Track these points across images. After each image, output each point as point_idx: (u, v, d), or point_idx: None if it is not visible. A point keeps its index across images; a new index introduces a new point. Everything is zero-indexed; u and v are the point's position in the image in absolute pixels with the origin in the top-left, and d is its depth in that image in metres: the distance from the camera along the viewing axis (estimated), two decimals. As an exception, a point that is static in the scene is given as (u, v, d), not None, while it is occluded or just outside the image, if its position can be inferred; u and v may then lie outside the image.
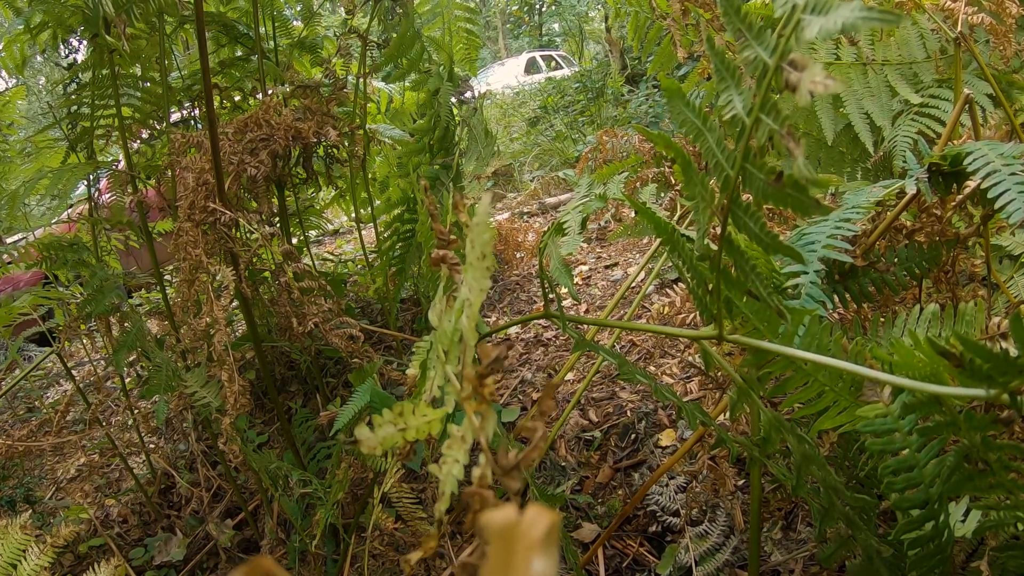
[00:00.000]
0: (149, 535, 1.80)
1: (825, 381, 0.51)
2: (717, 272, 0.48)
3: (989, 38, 1.30)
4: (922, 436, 0.47)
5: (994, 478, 0.46)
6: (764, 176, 0.38)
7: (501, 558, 0.19)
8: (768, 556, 1.17)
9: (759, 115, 0.37)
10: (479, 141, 1.27)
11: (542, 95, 7.80)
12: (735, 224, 0.42)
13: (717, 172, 0.42)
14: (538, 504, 0.21)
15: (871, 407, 0.48)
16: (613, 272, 2.66)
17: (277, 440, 1.85)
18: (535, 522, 0.19)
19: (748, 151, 0.39)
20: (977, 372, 0.39)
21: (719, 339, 0.52)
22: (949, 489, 0.46)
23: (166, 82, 1.57)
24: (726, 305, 0.51)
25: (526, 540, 0.19)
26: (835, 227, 0.68)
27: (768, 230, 0.40)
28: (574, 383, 1.81)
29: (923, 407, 0.46)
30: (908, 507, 0.47)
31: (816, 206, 0.36)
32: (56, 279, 1.90)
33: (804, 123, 1.46)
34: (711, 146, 0.42)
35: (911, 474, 0.47)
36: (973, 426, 0.45)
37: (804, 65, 0.33)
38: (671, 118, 0.43)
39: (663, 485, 1.25)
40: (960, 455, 0.46)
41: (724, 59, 0.39)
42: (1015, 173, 0.66)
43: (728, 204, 0.42)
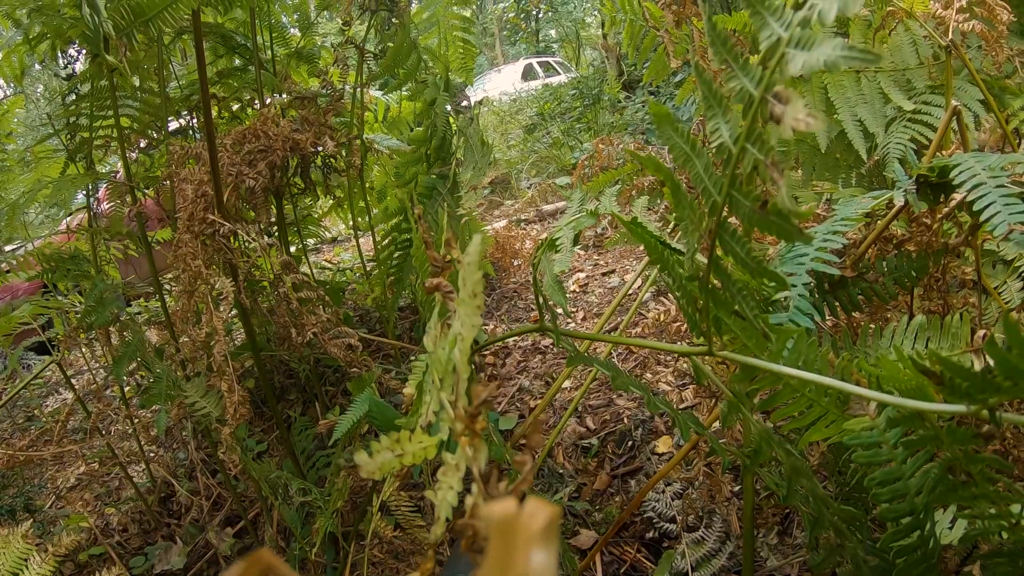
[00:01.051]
0: (149, 543, 1.80)
1: (812, 396, 0.52)
2: (705, 292, 0.49)
3: (981, 44, 1.30)
4: (907, 449, 0.48)
5: (977, 489, 0.47)
6: (750, 203, 0.39)
7: (501, 550, 0.19)
8: (764, 561, 1.18)
9: (745, 144, 0.39)
10: (475, 151, 1.28)
11: (539, 102, 7.80)
12: (722, 247, 0.43)
13: (705, 197, 0.43)
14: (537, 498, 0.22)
15: (858, 420, 0.49)
16: (610, 279, 2.67)
17: (276, 448, 1.85)
18: (534, 515, 0.20)
19: (734, 178, 0.40)
20: (957, 390, 0.40)
21: (708, 354, 0.53)
22: (934, 500, 0.47)
23: (164, 92, 1.58)
24: (715, 322, 0.52)
25: (526, 533, 0.19)
26: (824, 239, 0.69)
27: (753, 255, 0.42)
28: (571, 391, 1.81)
29: (907, 421, 0.47)
30: (894, 517, 0.48)
31: (798, 233, 0.37)
32: (55, 288, 1.91)
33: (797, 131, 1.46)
34: (699, 172, 0.43)
35: (897, 485, 0.48)
36: (955, 440, 0.46)
37: (788, 99, 0.34)
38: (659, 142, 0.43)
39: (660, 492, 1.26)
40: (944, 467, 0.47)
41: (712, 88, 0.40)
42: (1001, 185, 0.67)
43: (716, 228, 0.43)
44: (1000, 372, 0.36)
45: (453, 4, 1.67)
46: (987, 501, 0.47)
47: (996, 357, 0.35)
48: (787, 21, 0.35)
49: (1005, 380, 0.37)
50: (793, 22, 0.34)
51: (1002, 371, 0.36)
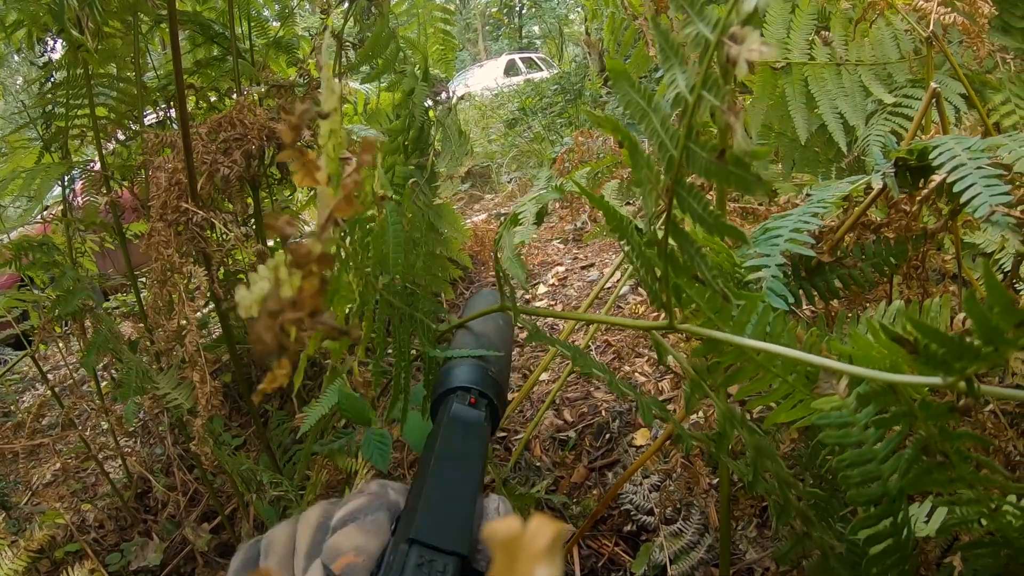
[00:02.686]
0: (126, 540, 1.78)
1: (778, 371, 0.50)
2: (664, 258, 0.47)
3: (963, 39, 1.30)
4: (879, 429, 0.46)
5: (953, 471, 0.46)
6: (706, 154, 0.38)
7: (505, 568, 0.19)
8: (743, 554, 1.17)
9: (701, 92, 0.37)
10: (453, 141, 1.27)
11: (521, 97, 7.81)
12: (679, 205, 0.42)
13: (662, 153, 0.41)
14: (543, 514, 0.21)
15: (826, 399, 0.48)
16: (589, 273, 2.66)
17: (254, 443, 1.83)
18: (539, 532, 0.20)
19: (691, 129, 0.39)
20: (932, 358, 0.39)
21: (670, 329, 0.52)
22: (908, 483, 0.45)
23: (140, 81, 1.56)
24: (676, 293, 0.51)
25: (530, 550, 0.19)
26: (800, 221, 0.68)
27: (711, 209, 0.40)
28: (549, 383, 1.80)
29: (879, 397, 0.45)
30: (865, 501, 0.47)
31: (758, 182, 0.36)
32: (31, 281, 1.88)
33: (778, 123, 1.46)
34: (655, 126, 0.41)
35: (868, 467, 0.46)
36: (930, 415, 0.44)
37: (743, 37, 0.33)
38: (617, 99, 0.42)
39: (637, 484, 1.25)
40: (918, 447, 0.46)
41: (668, 37, 0.39)
42: (981, 167, 0.66)
43: (672, 185, 0.42)
44: (979, 334, 0.35)
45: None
46: (964, 484, 0.45)
47: (975, 316, 0.33)
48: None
49: (984, 344, 0.35)
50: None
51: (981, 333, 0.35)
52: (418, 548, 0.47)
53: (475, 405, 0.66)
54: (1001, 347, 0.34)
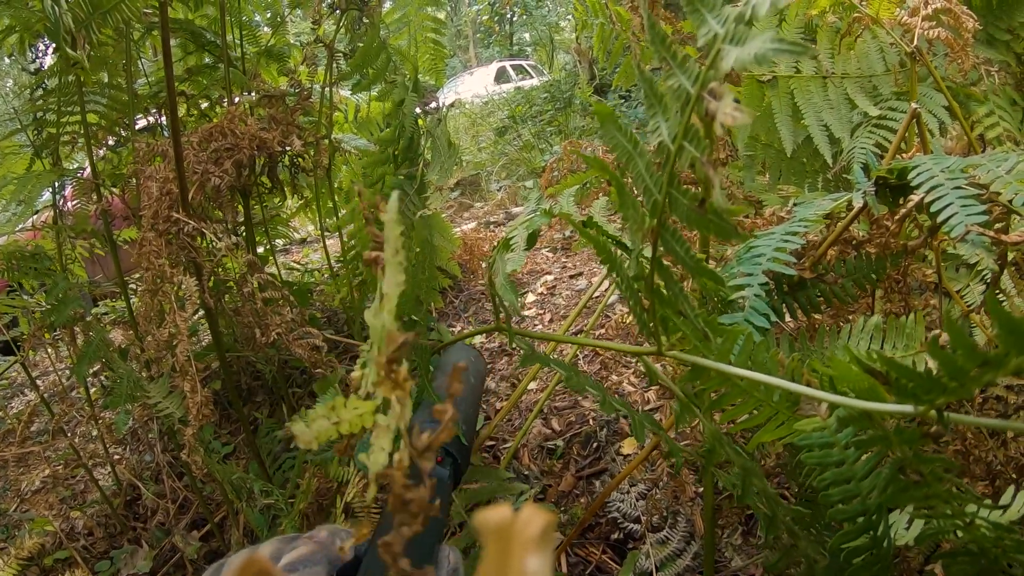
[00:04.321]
0: (115, 547, 1.78)
1: (761, 396, 0.52)
2: (651, 292, 0.49)
3: (947, 52, 1.32)
4: (858, 449, 0.48)
5: (929, 489, 0.47)
6: (688, 202, 0.39)
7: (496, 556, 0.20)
8: (728, 561, 1.18)
9: (682, 142, 0.39)
10: (442, 152, 1.28)
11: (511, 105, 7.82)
12: (664, 247, 0.44)
13: (647, 196, 0.43)
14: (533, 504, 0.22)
15: (808, 421, 0.49)
16: (578, 282, 2.67)
17: (243, 451, 1.83)
18: (530, 521, 0.20)
19: (673, 177, 0.40)
20: (903, 390, 0.40)
21: (658, 354, 0.53)
22: (887, 500, 0.47)
23: (132, 89, 1.56)
24: (663, 323, 0.52)
25: (521, 539, 0.19)
26: (782, 240, 0.69)
27: (692, 253, 0.42)
28: (537, 392, 1.81)
29: (856, 421, 0.47)
30: (846, 518, 0.48)
31: (734, 232, 0.37)
32: (21, 287, 1.88)
33: (765, 135, 1.48)
34: (641, 171, 0.43)
35: (848, 486, 0.48)
36: (904, 440, 0.46)
37: (721, 95, 0.35)
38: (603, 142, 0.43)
39: (624, 492, 1.26)
40: (894, 467, 0.47)
41: (653, 86, 0.40)
42: (958, 187, 0.68)
43: (657, 227, 0.43)
44: (945, 373, 0.36)
45: (425, 5, 1.67)
46: (940, 501, 0.47)
47: (939, 359, 0.35)
48: (724, 17, 0.35)
49: (950, 381, 0.37)
50: (729, 18, 0.35)
51: (947, 372, 0.36)
52: None
53: (441, 463, 0.70)
54: (966, 384, 0.36)
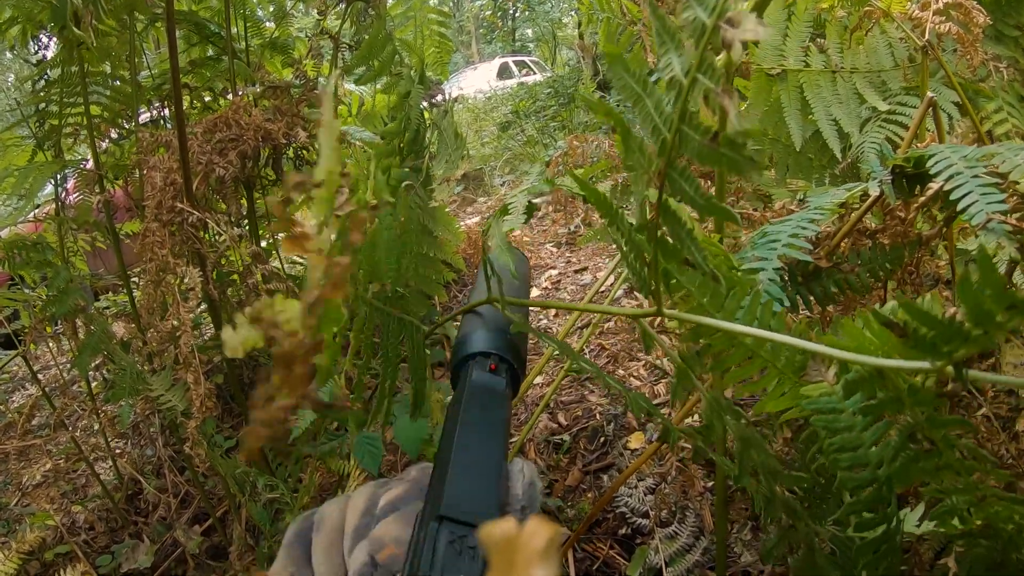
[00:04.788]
0: (116, 542, 1.77)
1: (768, 357, 0.50)
2: (654, 242, 0.47)
3: (956, 48, 1.31)
4: (867, 416, 0.46)
5: (940, 459, 0.45)
6: (699, 136, 0.38)
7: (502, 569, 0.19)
8: (738, 557, 1.17)
9: (696, 75, 0.37)
10: (448, 144, 1.26)
11: (514, 100, 7.82)
12: (671, 188, 0.42)
13: (655, 136, 0.41)
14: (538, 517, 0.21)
15: (815, 386, 0.47)
16: (583, 276, 2.66)
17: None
18: (536, 534, 0.20)
19: (685, 112, 0.39)
20: (921, 342, 0.38)
21: (658, 315, 0.51)
22: (896, 471, 0.45)
23: (135, 80, 1.55)
24: (665, 280, 0.50)
25: (527, 551, 0.19)
26: (797, 227, 0.68)
27: (703, 191, 0.40)
28: (543, 387, 1.80)
29: (867, 383, 0.45)
30: (855, 486, 0.46)
31: (751, 164, 0.35)
32: (22, 280, 1.87)
33: (773, 129, 1.46)
34: (649, 110, 0.41)
35: (857, 453, 0.46)
36: (917, 401, 0.44)
37: (739, 21, 0.34)
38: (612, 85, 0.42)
39: (632, 487, 1.25)
40: (905, 434, 0.45)
41: (665, 22, 0.39)
42: (978, 176, 0.67)
43: (665, 168, 0.41)
44: (970, 316, 0.34)
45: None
46: (952, 473, 0.45)
47: (967, 296, 0.33)
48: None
49: (974, 327, 0.35)
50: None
51: (972, 315, 0.34)
52: (448, 525, 0.46)
53: (495, 371, 0.65)
54: (991, 330, 0.34)
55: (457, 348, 0.71)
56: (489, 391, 0.62)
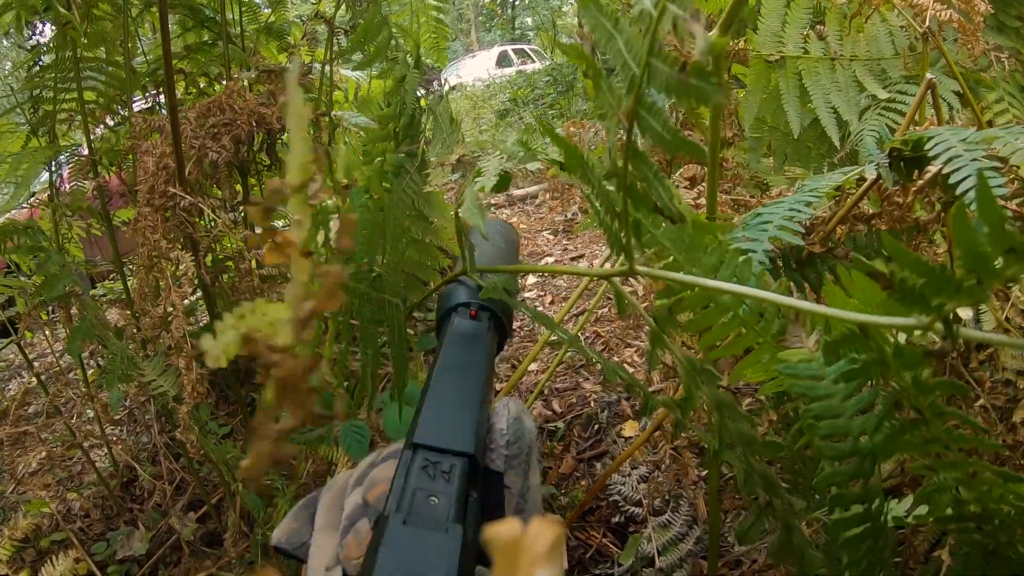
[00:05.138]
0: (112, 529, 1.77)
1: (746, 318, 0.48)
2: (624, 189, 0.45)
3: (957, 37, 1.31)
4: (849, 383, 0.43)
5: (928, 430, 0.43)
6: (668, 68, 0.37)
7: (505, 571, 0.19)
8: (731, 546, 1.17)
9: (665, 4, 0.36)
10: (444, 128, 1.26)
11: (512, 88, 7.82)
12: (640, 126, 0.40)
13: (625, 74, 0.40)
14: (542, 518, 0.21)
15: (793, 352, 0.46)
16: (579, 264, 2.65)
17: (241, 432, 1.82)
18: (539, 535, 0.20)
19: (654, 45, 0.38)
20: (908, 294, 0.36)
21: (630, 273, 0.50)
22: (880, 445, 0.42)
23: (129, 66, 1.54)
24: (636, 232, 0.48)
25: (530, 553, 0.19)
26: (791, 209, 0.67)
27: (670, 126, 0.39)
28: (538, 374, 1.80)
29: (849, 343, 0.42)
30: (833, 455, 0.44)
31: (718, 90, 0.34)
32: (18, 268, 1.86)
33: (771, 117, 1.46)
34: (620, 48, 0.40)
35: (837, 422, 0.43)
36: (904, 363, 0.41)
37: None
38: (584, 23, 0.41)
39: (626, 475, 1.25)
40: (890, 401, 0.43)
41: None
42: (977, 159, 0.66)
43: (634, 106, 0.40)
44: (963, 260, 0.32)
45: (428, -17, 1.65)
46: (940, 446, 0.43)
47: (960, 237, 0.31)
48: None
49: (967, 274, 0.32)
50: None
51: (966, 259, 0.32)
52: (422, 452, 0.46)
53: (476, 317, 0.66)
54: (985, 279, 0.31)
55: (439, 306, 0.72)
56: (469, 336, 0.63)
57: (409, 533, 0.40)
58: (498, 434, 0.53)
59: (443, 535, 0.40)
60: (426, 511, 0.42)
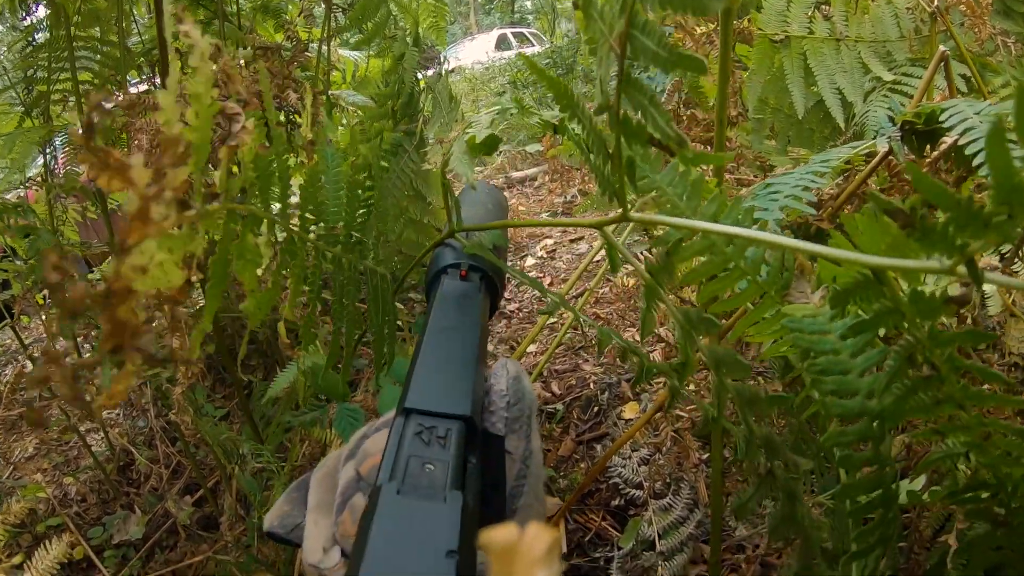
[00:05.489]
0: (108, 513, 1.76)
1: (747, 270, 0.46)
2: (617, 123, 0.41)
3: (964, 22, 1.30)
4: (857, 337, 0.40)
5: (941, 388, 0.40)
6: None
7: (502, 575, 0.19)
8: (733, 530, 1.16)
9: None
10: (443, 106, 1.24)
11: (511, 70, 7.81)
12: (633, 48, 0.37)
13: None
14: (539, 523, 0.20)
15: (798, 307, 0.43)
16: (578, 246, 2.63)
17: (237, 415, 1.81)
18: (536, 539, 0.20)
19: None
20: (930, 232, 0.32)
21: (623, 220, 0.46)
22: (889, 406, 0.39)
23: (124, 45, 1.52)
24: (630, 173, 0.44)
25: (527, 558, 0.19)
26: (802, 179, 0.65)
27: (666, 42, 0.36)
28: (537, 355, 1.78)
29: (860, 290, 0.38)
30: (840, 413, 0.40)
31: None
32: (14, 253, 1.85)
33: (774, 98, 1.44)
34: None
35: (845, 378, 0.40)
36: (920, 310, 0.37)
37: None
38: None
39: (626, 458, 1.23)
40: (903, 355, 0.39)
41: None
42: (995, 130, 0.64)
43: (627, 27, 0.37)
44: (995, 194, 0.28)
45: (426, -39, 1.62)
46: (953, 405, 0.39)
47: (995, 164, 0.28)
48: None
49: (998, 207, 0.29)
50: None
51: (998, 191, 0.28)
52: (416, 417, 0.44)
53: (467, 278, 0.64)
54: (1018, 212, 0.28)
55: (428, 271, 0.70)
56: (460, 296, 0.62)
57: (404, 503, 0.37)
58: (497, 395, 0.51)
59: (441, 504, 0.37)
60: (422, 479, 0.40)
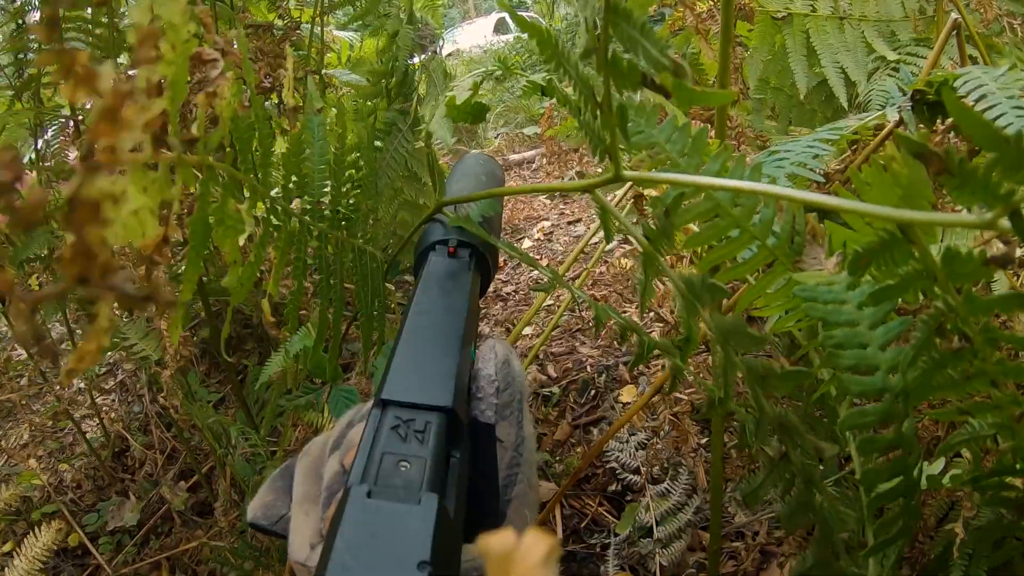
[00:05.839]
0: (103, 500, 1.75)
1: (756, 233, 0.42)
2: (604, 65, 0.36)
3: (970, 1, 1.28)
4: (878, 305, 0.36)
5: (973, 363, 0.35)
6: None
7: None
8: (732, 517, 1.14)
9: None
10: (438, 85, 1.21)
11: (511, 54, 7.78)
12: None
13: None
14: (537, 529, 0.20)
15: (810, 275, 0.40)
16: (576, 228, 2.61)
17: (232, 400, 1.80)
18: (534, 546, 0.19)
19: None
20: (970, 178, 0.27)
21: (616, 179, 0.42)
22: (914, 383, 0.35)
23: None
24: (622, 123, 0.39)
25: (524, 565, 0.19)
26: (810, 146, 0.63)
27: None
28: (532, 338, 1.77)
29: (885, 248, 0.34)
30: (859, 391, 0.36)
31: None
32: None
33: (776, 78, 1.43)
34: None
35: (864, 352, 0.37)
36: (955, 272, 0.32)
37: None
38: None
39: (623, 442, 1.22)
40: (932, 325, 0.35)
41: None
42: (1012, 97, 0.61)
43: None
44: None
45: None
46: (985, 382, 0.35)
47: None
48: None
49: None
50: None
51: None
52: (392, 409, 0.42)
53: (455, 255, 0.61)
54: None
55: (415, 249, 0.67)
56: (448, 275, 0.59)
57: (375, 507, 0.35)
58: (486, 381, 0.49)
59: (415, 507, 0.35)
60: (395, 479, 0.37)
